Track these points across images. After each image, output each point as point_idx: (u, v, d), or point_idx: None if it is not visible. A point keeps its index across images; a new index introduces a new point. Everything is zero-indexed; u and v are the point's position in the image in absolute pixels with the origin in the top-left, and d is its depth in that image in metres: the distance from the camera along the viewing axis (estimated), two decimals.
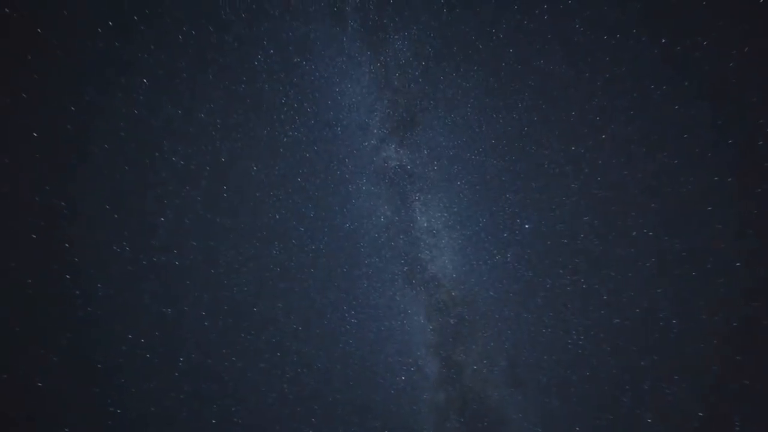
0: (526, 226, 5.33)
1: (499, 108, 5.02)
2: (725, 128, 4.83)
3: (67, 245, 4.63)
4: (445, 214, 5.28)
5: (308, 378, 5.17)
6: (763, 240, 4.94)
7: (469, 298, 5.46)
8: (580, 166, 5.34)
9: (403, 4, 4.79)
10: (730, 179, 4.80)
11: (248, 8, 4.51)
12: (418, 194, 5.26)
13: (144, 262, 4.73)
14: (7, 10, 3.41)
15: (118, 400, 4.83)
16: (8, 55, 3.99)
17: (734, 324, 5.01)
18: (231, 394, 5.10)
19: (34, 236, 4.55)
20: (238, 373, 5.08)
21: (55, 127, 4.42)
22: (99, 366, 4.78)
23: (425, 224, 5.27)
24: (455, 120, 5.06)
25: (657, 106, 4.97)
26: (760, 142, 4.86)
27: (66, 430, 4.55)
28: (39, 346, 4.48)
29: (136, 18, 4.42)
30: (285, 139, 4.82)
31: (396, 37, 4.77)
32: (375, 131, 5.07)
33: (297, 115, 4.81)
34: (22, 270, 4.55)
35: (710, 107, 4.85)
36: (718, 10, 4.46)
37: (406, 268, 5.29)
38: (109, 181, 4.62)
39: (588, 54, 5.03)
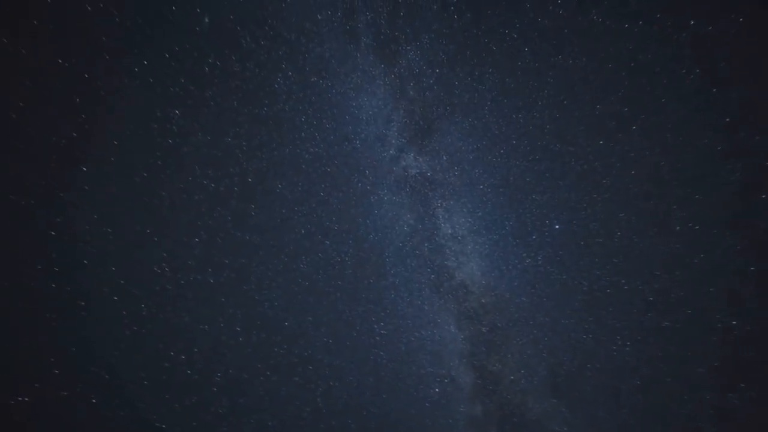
0: (556, 226, 4.98)
1: (518, 108, 4.78)
2: None
3: (114, 268, 4.84)
4: (470, 220, 5.05)
5: (341, 391, 5.03)
6: None
7: (501, 305, 5.14)
8: (611, 160, 4.95)
9: (413, 16, 4.74)
10: None
11: (266, 35, 4.63)
12: (440, 201, 5.08)
13: (182, 282, 4.84)
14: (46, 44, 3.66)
15: (163, 416, 4.91)
16: (59, 95, 4.28)
17: None
18: (267, 408, 5.04)
19: (86, 262, 4.79)
20: (273, 387, 5.03)
21: (103, 161, 4.68)
22: (145, 383, 4.88)
23: (449, 231, 5.06)
24: (473, 124, 4.88)
25: (691, 90, 4.54)
26: None
27: None
28: (89, 364, 4.66)
29: (167, 55, 4.64)
30: (307, 156, 4.84)
31: (408, 48, 4.71)
32: (393, 141, 4.99)
33: (317, 131, 4.83)
34: (78, 295, 4.78)
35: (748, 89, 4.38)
36: None
37: (432, 276, 5.09)
38: (148, 207, 4.81)
39: (609, 44, 4.72)
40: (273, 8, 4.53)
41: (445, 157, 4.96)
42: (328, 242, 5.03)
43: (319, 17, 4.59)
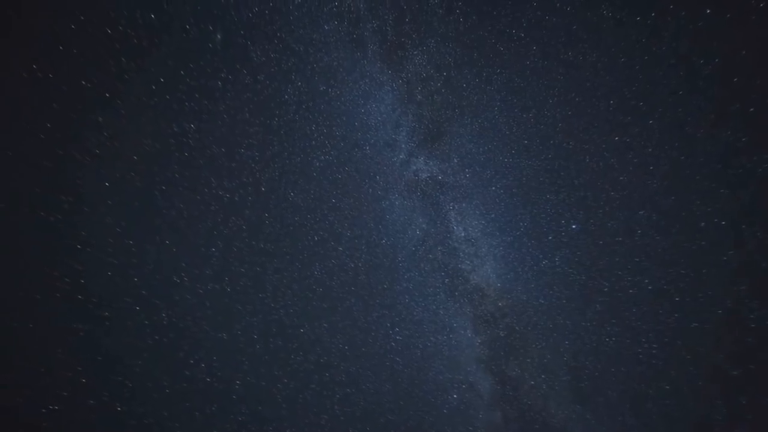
0: (573, 226, 4.80)
1: (528, 107, 4.67)
2: None
3: (136, 279, 4.94)
4: (483, 222, 4.93)
5: (358, 398, 4.95)
6: None
7: (518, 308, 4.97)
8: (627, 156, 4.76)
9: (419, 21, 4.72)
10: None
11: (276, 48, 4.70)
12: (452, 203, 4.99)
13: (200, 291, 4.90)
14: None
15: (185, 424, 4.94)
16: (84, 114, 4.44)
17: None
18: (285, 416, 5.01)
19: (110, 273, 4.91)
20: (291, 394, 5.00)
21: (125, 177, 4.81)
22: (167, 391, 4.94)
23: (462, 233, 4.95)
24: (483, 125, 4.79)
25: (710, 81, 4.32)
26: None
27: None
28: (114, 373, 4.75)
29: (182, 72, 4.77)
30: (318, 164, 4.86)
31: (415, 52, 4.69)
32: (403, 146, 4.95)
33: (327, 139, 4.84)
34: (102, 306, 4.90)
35: None
36: None
37: (447, 280, 4.98)
38: (167, 219, 4.91)
39: (621, 38, 4.57)
40: (281, 22, 4.60)
41: (455, 160, 4.88)
42: (341, 248, 5.00)
43: (326, 28, 4.62)
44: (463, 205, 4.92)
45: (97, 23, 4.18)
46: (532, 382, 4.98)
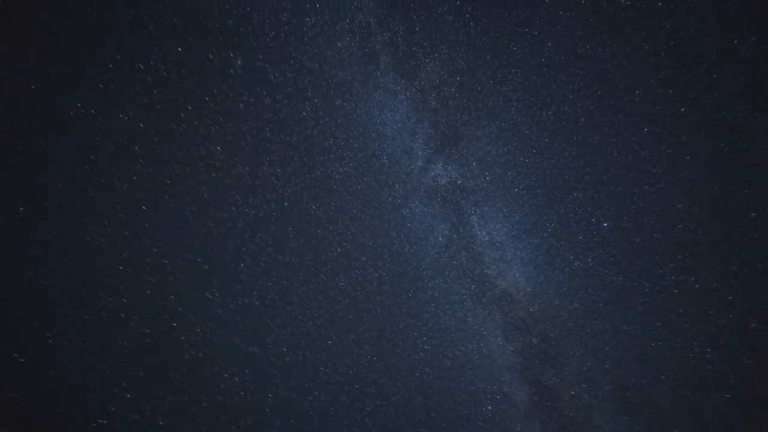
0: (605, 224, 4.50)
1: (546, 104, 4.48)
2: None
3: (172, 297, 5.12)
4: (507, 225, 4.73)
5: (389, 410, 4.80)
6: None
7: (551, 313, 4.68)
8: (660, 147, 4.43)
9: (429, 30, 4.70)
10: None
11: (292, 68, 4.82)
12: (473, 208, 4.83)
13: (231, 306, 4.99)
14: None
15: None
16: (124, 148, 4.73)
17: None
18: (318, 429, 4.94)
19: (149, 292, 5.12)
20: (322, 407, 4.93)
21: (159, 201, 5.05)
22: (204, 405, 5.02)
23: (486, 238, 4.77)
24: (501, 126, 4.64)
25: (748, 61, 3.97)
26: None
27: None
28: (157, 388, 4.89)
29: (207, 99, 4.99)
30: (337, 176, 4.88)
31: (427, 60, 4.66)
32: (420, 153, 4.89)
33: (345, 152, 4.87)
34: (143, 323, 5.10)
35: None
36: None
37: (473, 286, 4.78)
38: (198, 238, 5.08)
39: (643, 26, 4.32)
40: (296, 42, 4.72)
41: (474, 163, 4.74)
42: (364, 258, 4.96)
43: (339, 44, 4.70)
44: (486, 208, 4.75)
45: (131, 61, 4.47)
46: (572, 392, 4.62)
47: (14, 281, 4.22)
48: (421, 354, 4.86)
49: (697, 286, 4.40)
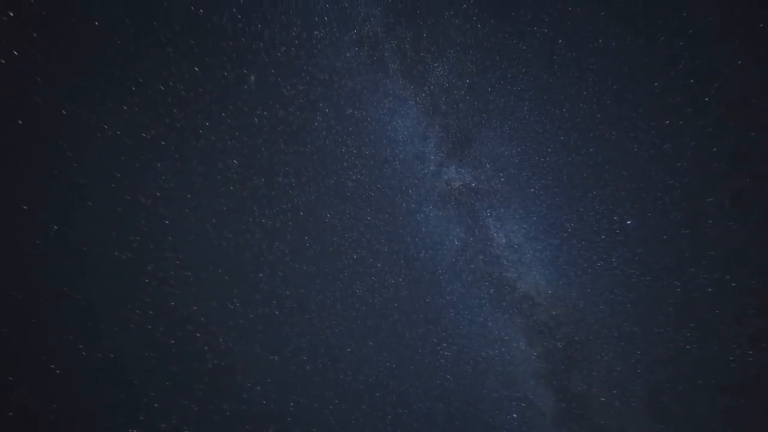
0: (628, 222, 4.30)
1: (560, 102, 4.36)
2: None
3: (195, 308, 5.22)
4: (524, 226, 4.59)
5: (411, 419, 4.69)
6: None
7: (575, 316, 4.48)
8: (684, 140, 4.22)
9: (436, 35, 4.69)
10: None
11: (303, 81, 4.91)
12: (489, 210, 4.72)
13: (251, 316, 5.05)
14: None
15: None
16: (149, 168, 4.92)
17: None
18: None
19: (173, 304, 5.24)
20: (343, 415, 4.88)
21: (181, 216, 5.19)
22: (227, 414, 5.06)
23: (503, 240, 4.64)
24: (513, 126, 4.54)
25: None
26: None
27: None
28: (182, 398, 4.97)
29: (223, 114, 5.13)
30: (350, 184, 4.90)
31: (435, 65, 4.64)
32: (432, 157, 4.84)
33: (357, 159, 4.89)
34: (168, 334, 5.22)
35: None
36: None
37: (492, 290, 4.65)
38: (219, 250, 5.19)
39: (658, 16, 4.16)
40: (307, 56, 4.81)
41: (488, 165, 4.65)
42: (379, 265, 4.92)
43: (348, 55, 4.75)
44: (501, 210, 4.64)
45: (152, 83, 4.66)
46: (602, 399, 4.38)
47: (49, 296, 4.41)
48: (442, 360, 4.74)
49: (733, 284, 4.12)
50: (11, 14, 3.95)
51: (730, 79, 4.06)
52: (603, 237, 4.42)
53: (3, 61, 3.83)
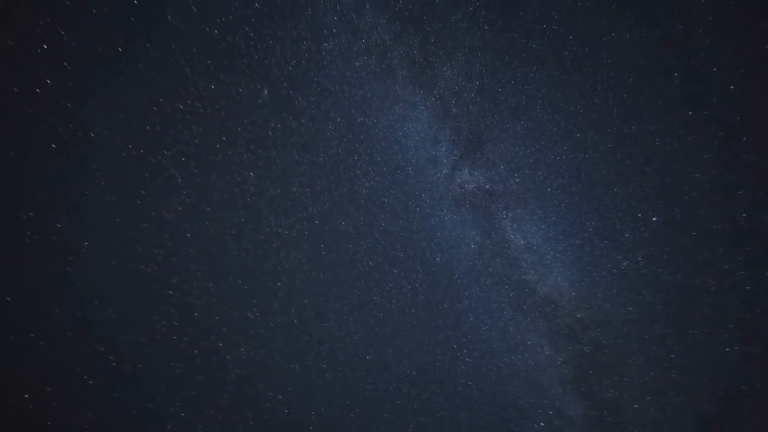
0: (653, 219, 4.09)
1: (574, 98, 4.24)
2: None
3: (217, 318, 5.32)
4: (543, 227, 4.44)
5: (433, 427, 4.57)
6: None
7: (601, 319, 4.27)
8: (711, 130, 4.01)
9: (444, 39, 4.68)
10: None
11: (314, 92, 4.99)
12: (504, 212, 4.61)
13: (271, 325, 5.09)
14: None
15: None
16: (170, 190, 5.09)
17: None
18: None
19: (196, 314, 5.35)
20: (364, 424, 4.81)
21: (201, 228, 5.33)
22: (251, 423, 5.08)
23: (522, 242, 4.50)
24: (526, 126, 4.44)
25: None
26: None
27: None
28: (207, 408, 5.04)
29: (239, 129, 5.27)
30: (364, 191, 4.90)
31: (444, 69, 4.62)
32: (444, 161, 4.80)
33: (369, 166, 4.90)
34: (192, 345, 5.32)
35: None
36: None
37: (512, 293, 4.51)
38: (237, 260, 5.28)
39: (675, 5, 4.00)
40: (317, 67, 4.89)
41: (502, 166, 4.55)
42: (396, 271, 4.87)
43: (357, 64, 4.80)
44: (518, 211, 4.51)
45: (172, 102, 4.84)
46: (636, 406, 4.13)
47: (80, 310, 4.59)
48: (463, 367, 4.61)
49: None
50: (45, 47, 4.20)
51: (759, 66, 3.83)
52: (627, 235, 4.21)
53: (46, 82, 4.07)
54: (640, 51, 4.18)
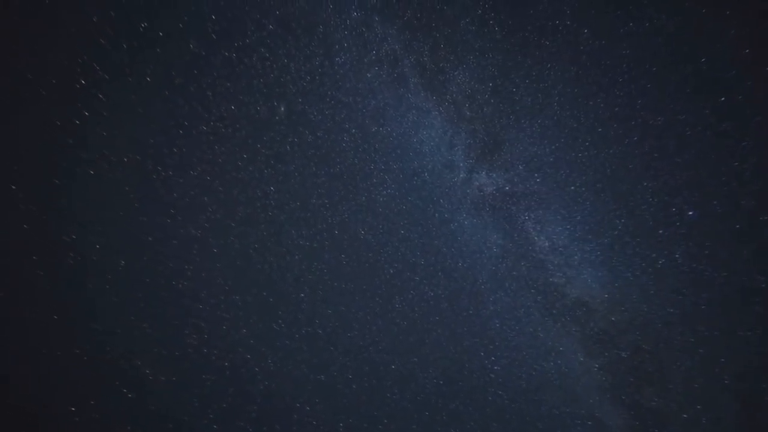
0: (690, 213, 3.81)
1: (592, 93, 4.07)
2: None
3: (244, 330, 5.39)
4: (568, 227, 4.23)
5: None
6: None
7: (639, 321, 3.98)
8: (745, 117, 3.72)
9: (454, 44, 4.64)
10: None
11: (329, 105, 5.06)
12: (526, 213, 4.44)
13: (296, 336, 5.10)
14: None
15: None
16: (194, 200, 5.26)
17: None
18: None
19: (225, 327, 5.46)
20: None
21: (226, 242, 5.47)
22: None
23: (546, 243, 4.31)
24: (544, 124, 4.30)
25: None
26: None
27: None
28: (235, 418, 5.07)
29: (258, 145, 5.41)
30: (381, 199, 4.88)
31: (456, 73, 4.57)
32: (461, 165, 4.71)
33: (386, 174, 4.88)
34: (222, 356, 5.41)
35: None
36: None
37: (539, 297, 4.30)
38: (262, 273, 5.37)
39: None
40: (330, 81, 4.97)
41: (521, 167, 4.41)
42: (417, 278, 4.78)
43: (369, 75, 4.85)
44: (540, 212, 4.33)
45: (196, 125, 5.05)
46: (685, 416, 3.78)
47: (121, 326, 4.78)
48: (492, 375, 4.41)
49: None
50: (83, 82, 4.50)
51: None
52: (661, 231, 3.94)
53: (84, 114, 4.35)
54: (662, 39, 3.97)
